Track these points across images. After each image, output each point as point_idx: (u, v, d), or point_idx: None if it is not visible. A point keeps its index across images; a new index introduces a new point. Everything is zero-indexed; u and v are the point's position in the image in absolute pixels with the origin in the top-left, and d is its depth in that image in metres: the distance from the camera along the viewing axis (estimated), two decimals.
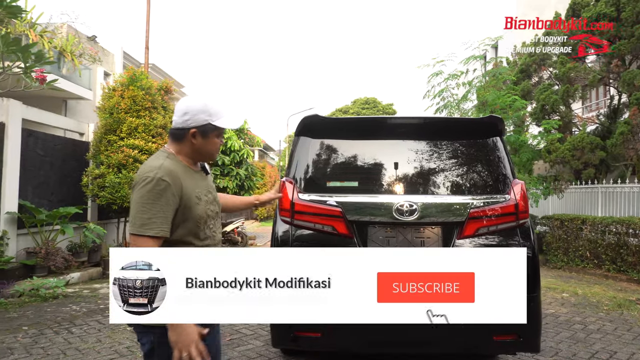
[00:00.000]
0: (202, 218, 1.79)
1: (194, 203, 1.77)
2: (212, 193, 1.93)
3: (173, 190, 1.69)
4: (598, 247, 8.55)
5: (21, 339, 4.24)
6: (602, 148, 10.28)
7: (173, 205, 1.70)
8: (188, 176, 1.80)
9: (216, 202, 1.95)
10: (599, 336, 4.47)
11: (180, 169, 1.78)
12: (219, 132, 1.87)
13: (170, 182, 1.69)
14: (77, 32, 12.34)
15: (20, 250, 6.92)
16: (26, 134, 7.29)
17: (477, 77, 11.22)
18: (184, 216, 1.74)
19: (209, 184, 1.95)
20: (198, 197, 1.80)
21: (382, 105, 38.72)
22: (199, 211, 1.78)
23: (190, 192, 1.77)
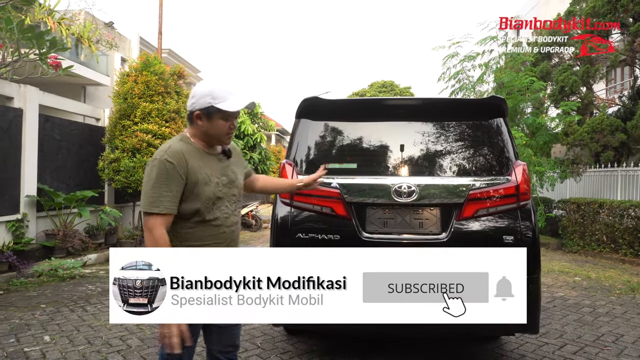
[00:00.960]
0: (209, 199, 1.85)
1: (202, 183, 1.84)
2: (228, 176, 1.96)
3: (178, 170, 1.79)
4: (615, 231, 8.38)
5: (39, 316, 4.42)
6: (623, 130, 9.99)
7: (178, 184, 1.80)
8: (198, 157, 1.88)
9: (234, 186, 1.97)
10: (607, 319, 4.42)
11: (189, 150, 1.87)
12: (223, 115, 1.89)
13: (175, 162, 1.79)
14: (94, 19, 12.49)
15: (40, 232, 7.17)
16: (43, 119, 7.48)
17: (493, 58, 10.96)
18: (191, 195, 1.82)
19: (226, 166, 1.98)
20: (207, 177, 1.86)
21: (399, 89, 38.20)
22: (206, 192, 1.84)
23: (197, 172, 1.84)
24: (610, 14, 10.42)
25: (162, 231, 1.78)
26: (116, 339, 3.77)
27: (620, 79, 15.47)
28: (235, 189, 1.99)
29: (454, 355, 3.43)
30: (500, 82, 10.39)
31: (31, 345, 3.63)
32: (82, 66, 11.02)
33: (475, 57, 11.07)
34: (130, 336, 3.84)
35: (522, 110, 10.85)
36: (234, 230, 1.97)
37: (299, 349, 3.56)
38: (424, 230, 3.00)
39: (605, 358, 3.43)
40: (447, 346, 3.61)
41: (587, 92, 11.41)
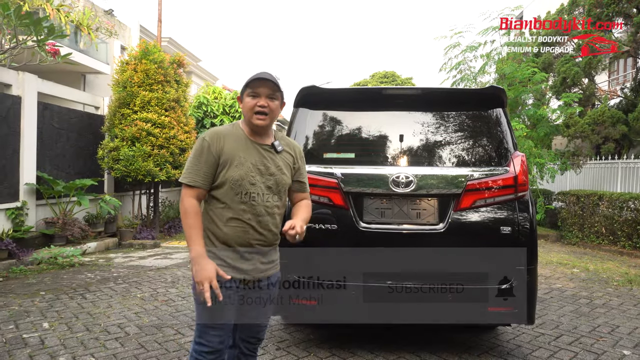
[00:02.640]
0: (237, 181, 1.88)
1: (233, 165, 1.89)
2: (267, 166, 1.95)
3: (211, 148, 1.89)
4: (614, 223, 8.39)
5: (38, 303, 4.45)
6: (624, 122, 9.95)
7: (209, 160, 1.90)
8: (239, 141, 1.94)
9: (271, 177, 1.96)
10: (603, 311, 4.44)
11: (232, 133, 1.96)
12: (249, 92, 1.93)
13: (209, 141, 1.91)
14: (93, 6, 12.40)
15: (40, 220, 7.18)
16: (42, 107, 7.45)
17: (495, 49, 10.88)
18: (223, 175, 1.89)
19: (269, 158, 1.97)
20: (241, 160, 1.90)
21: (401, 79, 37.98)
22: (235, 173, 1.88)
23: (232, 153, 1.91)
24: (614, 4, 10.31)
25: (191, 201, 1.88)
26: (114, 327, 3.79)
27: (622, 71, 15.36)
28: (273, 181, 1.97)
29: (451, 344, 3.45)
30: (502, 73, 10.33)
31: (30, 331, 3.65)
32: (81, 54, 10.97)
33: (477, 47, 10.98)
34: (128, 324, 3.86)
35: (524, 102, 10.80)
36: (260, 221, 1.93)
37: (295, 338, 3.58)
38: (421, 221, 3.00)
39: (601, 349, 3.45)
40: (444, 336, 3.63)
41: (589, 84, 11.36)
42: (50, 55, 7.21)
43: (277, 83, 1.93)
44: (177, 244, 8.38)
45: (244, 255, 1.93)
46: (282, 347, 3.38)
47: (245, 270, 1.94)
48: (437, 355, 3.24)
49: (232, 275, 1.91)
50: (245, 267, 1.94)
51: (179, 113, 8.71)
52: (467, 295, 2.92)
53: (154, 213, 9.09)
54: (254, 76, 1.94)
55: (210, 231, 1.94)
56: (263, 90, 1.93)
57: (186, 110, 9.16)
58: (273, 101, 1.95)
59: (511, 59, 10.57)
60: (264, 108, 1.92)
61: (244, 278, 1.94)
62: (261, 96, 1.93)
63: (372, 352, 3.27)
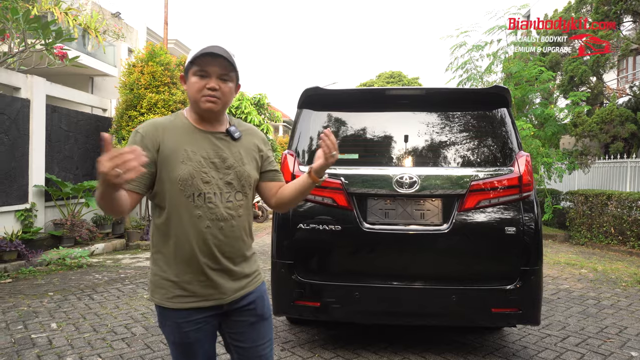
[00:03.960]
0: (186, 180, 1.51)
1: (179, 161, 1.52)
2: (223, 158, 1.59)
3: (146, 142, 1.51)
4: (623, 223, 8.30)
5: (46, 303, 4.50)
6: (633, 121, 9.85)
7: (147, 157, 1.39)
8: (182, 132, 1.57)
9: (231, 172, 1.59)
10: (611, 312, 4.40)
11: (172, 123, 1.59)
12: (196, 70, 1.54)
13: (142, 133, 1.53)
14: (101, 9, 12.51)
15: (48, 222, 7.26)
16: (50, 110, 7.53)
17: (501, 48, 10.82)
18: (166, 176, 1.52)
19: (225, 147, 1.61)
20: (186, 154, 1.53)
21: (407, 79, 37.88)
22: (182, 171, 1.51)
23: (174, 146, 1.54)
24: (622, 2, 10.21)
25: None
26: (121, 327, 3.82)
27: (632, 69, 15.20)
28: (233, 175, 1.59)
29: (455, 345, 3.44)
30: (509, 72, 10.27)
31: (38, 332, 3.69)
32: (89, 57, 11.08)
33: (483, 46, 10.94)
34: (135, 324, 3.89)
35: (531, 101, 10.73)
36: (222, 227, 1.55)
37: (300, 338, 3.58)
38: (425, 221, 2.99)
39: (608, 350, 3.42)
40: (449, 337, 3.62)
41: (596, 82, 11.25)
42: (58, 59, 7.28)
43: (231, 61, 1.54)
44: None
45: (208, 276, 1.54)
46: (287, 348, 3.38)
47: (212, 295, 1.56)
48: (442, 356, 3.23)
49: (197, 306, 1.54)
50: (211, 291, 1.55)
51: None
52: (471, 296, 2.91)
53: None
54: (201, 50, 1.52)
55: (161, 252, 1.56)
56: (213, 70, 1.53)
57: None
58: (226, 83, 1.56)
59: (518, 58, 10.51)
60: (215, 91, 1.53)
61: (213, 305, 1.56)
62: (211, 76, 1.53)
63: (377, 353, 3.27)
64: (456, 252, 2.96)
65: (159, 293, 1.57)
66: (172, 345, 1.60)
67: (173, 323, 1.56)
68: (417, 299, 2.97)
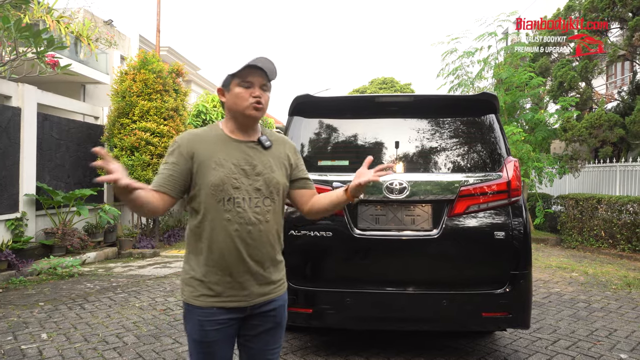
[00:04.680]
0: (217, 186, 1.62)
1: (211, 167, 1.64)
2: (254, 165, 1.68)
3: (182, 150, 1.66)
4: (613, 226, 8.39)
5: (36, 313, 4.46)
6: (622, 126, 9.98)
7: (181, 164, 1.65)
8: (216, 142, 1.69)
9: (260, 178, 1.68)
10: (601, 314, 4.44)
11: (207, 134, 1.71)
12: (238, 81, 1.66)
13: (180, 142, 1.68)
14: (93, 17, 12.50)
15: (39, 231, 7.21)
16: (42, 118, 7.50)
17: (492, 54, 10.95)
18: (200, 181, 1.64)
19: (256, 156, 1.70)
20: (218, 161, 1.65)
21: (399, 85, 38.11)
22: (214, 177, 1.62)
23: (208, 154, 1.66)
24: (609, 9, 10.38)
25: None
26: (113, 337, 3.80)
27: (620, 74, 15.42)
28: (262, 182, 1.67)
29: (447, 350, 3.46)
30: (499, 78, 10.39)
31: (28, 342, 3.66)
32: (81, 64, 11.05)
33: (473, 53, 11.06)
34: (126, 334, 3.87)
35: (521, 106, 10.85)
36: (251, 231, 1.63)
37: (293, 345, 3.58)
38: (415, 227, 3.02)
39: (598, 352, 3.45)
40: (441, 342, 3.63)
41: (585, 88, 11.40)
42: (49, 67, 7.26)
43: (272, 72, 1.69)
44: (176, 253, 8.39)
45: (235, 278, 1.63)
46: (280, 355, 3.38)
47: (237, 296, 1.64)
48: None
49: (222, 305, 1.63)
50: (236, 293, 1.64)
51: (178, 122, 8.75)
52: (462, 300, 2.93)
53: (153, 222, 9.11)
54: (248, 63, 1.63)
55: (193, 253, 1.68)
56: (257, 80, 1.66)
57: (185, 119, 9.21)
58: (265, 93, 1.70)
59: (508, 64, 10.64)
60: (259, 98, 1.66)
61: (236, 306, 1.65)
62: (255, 86, 1.66)
63: (369, 359, 3.28)
64: (446, 257, 2.99)
65: (187, 291, 1.67)
66: (192, 343, 1.68)
67: (196, 320, 1.64)
68: (409, 304, 2.99)
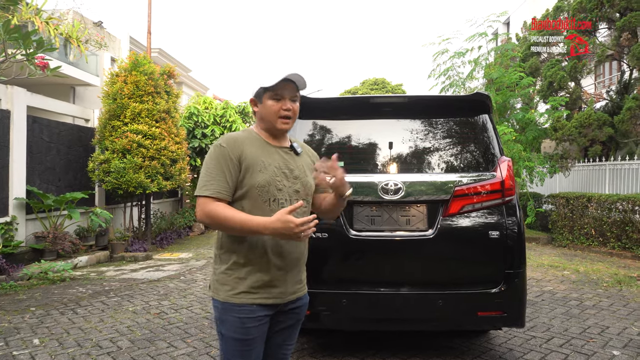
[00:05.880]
0: (264, 187, 1.71)
1: (257, 170, 1.72)
2: (291, 169, 1.80)
3: (230, 154, 1.70)
4: (603, 224, 8.49)
5: (28, 319, 4.40)
6: (610, 125, 10.10)
7: (231, 168, 1.70)
8: (257, 145, 1.77)
9: (298, 181, 1.80)
10: (593, 312, 4.49)
11: (249, 138, 1.78)
12: (271, 94, 1.76)
13: (226, 146, 1.71)
14: (82, 18, 12.40)
15: (29, 235, 7.12)
16: (31, 120, 7.41)
17: (482, 54, 11.04)
18: (245, 181, 1.71)
19: (292, 160, 1.82)
20: (263, 164, 1.73)
21: (391, 86, 38.27)
22: (260, 178, 1.71)
23: (253, 157, 1.73)
24: (597, 9, 10.51)
25: (215, 204, 1.65)
26: (106, 341, 3.76)
27: (608, 74, 15.62)
28: (300, 184, 1.80)
29: (444, 350, 3.47)
30: (490, 78, 10.46)
31: (20, 348, 3.61)
32: (71, 66, 10.94)
33: (464, 53, 11.13)
34: (120, 338, 3.84)
35: (512, 106, 10.94)
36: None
37: None
38: (411, 227, 3.03)
39: (591, 350, 3.49)
40: (437, 342, 3.65)
41: (575, 87, 11.52)
42: (39, 69, 7.18)
43: (302, 84, 1.79)
44: (169, 256, 8.34)
45: (274, 275, 1.72)
46: None
47: (274, 294, 1.73)
48: None
49: (260, 302, 1.70)
50: (274, 290, 1.72)
51: (170, 124, 8.71)
52: (457, 300, 2.94)
53: (145, 225, 9.04)
54: (283, 78, 1.73)
55: (235, 252, 1.73)
56: (287, 92, 1.77)
57: (177, 121, 9.17)
58: (295, 103, 1.80)
59: (498, 64, 10.73)
60: (289, 111, 1.77)
61: (273, 303, 1.73)
62: (285, 98, 1.76)
63: None
64: (442, 257, 3.00)
65: (223, 290, 1.71)
66: (232, 342, 1.70)
67: (235, 318, 1.68)
68: (405, 305, 2.99)
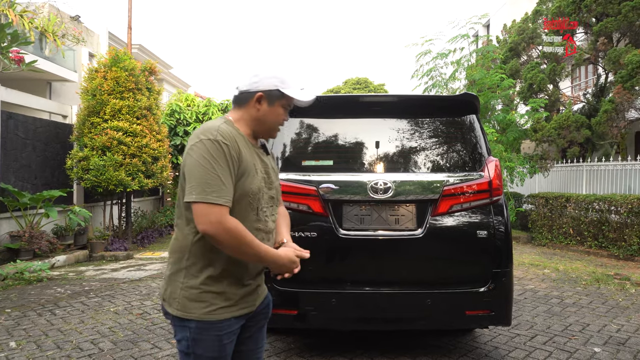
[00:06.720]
0: (255, 194, 1.55)
1: (251, 174, 1.54)
2: (270, 175, 1.66)
3: (232, 153, 1.48)
4: (581, 224, 8.69)
5: (3, 321, 4.25)
6: (588, 127, 10.34)
7: (233, 170, 1.49)
8: (245, 145, 1.57)
9: (274, 188, 1.68)
10: (574, 309, 4.58)
11: (238, 136, 1.56)
12: (285, 103, 1.62)
13: (228, 144, 1.48)
14: (59, 12, 12.04)
15: (4, 234, 6.89)
16: (6, 116, 7.17)
17: (464, 56, 11.18)
18: (241, 188, 1.51)
19: (267, 163, 1.67)
20: (254, 168, 1.57)
21: (373, 86, 38.43)
22: (253, 185, 1.54)
23: (247, 159, 1.54)
24: (575, 14, 10.75)
25: (235, 220, 1.44)
26: (87, 343, 3.66)
27: (584, 77, 16.00)
28: (274, 190, 1.68)
29: (431, 348, 3.48)
30: (472, 79, 10.61)
31: None
32: (47, 61, 10.62)
33: (447, 54, 11.26)
34: (102, 339, 3.74)
35: (493, 107, 11.11)
36: (270, 239, 1.64)
37: (276, 347, 3.54)
38: (400, 227, 3.03)
39: (573, 347, 3.55)
40: (424, 340, 3.66)
41: (553, 90, 11.76)
42: (14, 63, 6.96)
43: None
44: (150, 255, 8.19)
45: (250, 286, 1.60)
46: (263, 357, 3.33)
47: (250, 302, 1.61)
48: None
49: (237, 314, 1.56)
50: (251, 298, 1.61)
51: (151, 121, 8.55)
52: (446, 299, 2.96)
53: (126, 224, 8.86)
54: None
55: (210, 264, 1.50)
56: (291, 104, 1.68)
57: (158, 118, 9.00)
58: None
59: (480, 65, 10.88)
60: (286, 121, 1.72)
61: (247, 312, 1.60)
62: (289, 110, 1.69)
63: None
64: (430, 256, 3.01)
65: (198, 307, 1.49)
66: None
67: (214, 337, 1.50)
68: (394, 304, 2.99)
